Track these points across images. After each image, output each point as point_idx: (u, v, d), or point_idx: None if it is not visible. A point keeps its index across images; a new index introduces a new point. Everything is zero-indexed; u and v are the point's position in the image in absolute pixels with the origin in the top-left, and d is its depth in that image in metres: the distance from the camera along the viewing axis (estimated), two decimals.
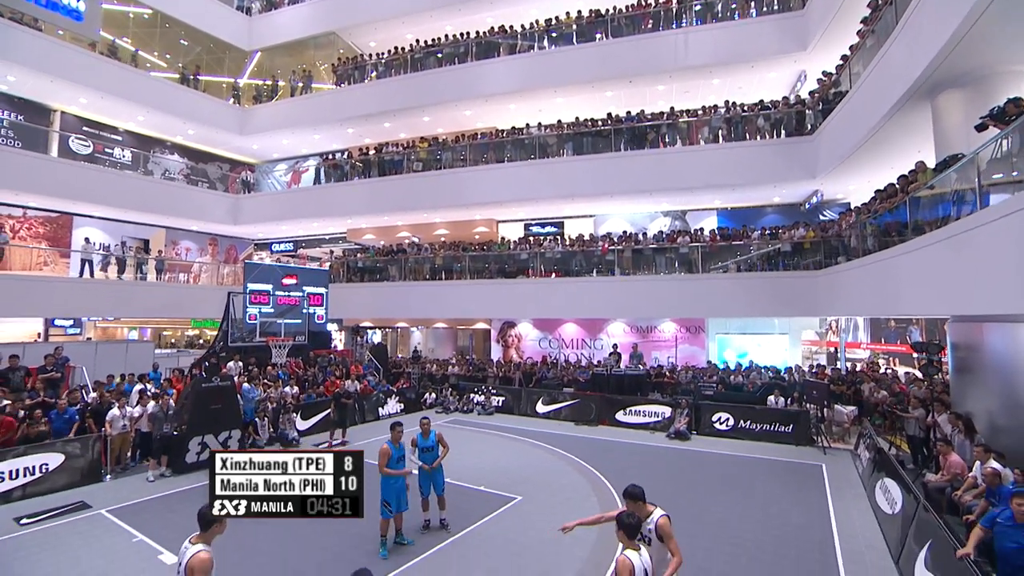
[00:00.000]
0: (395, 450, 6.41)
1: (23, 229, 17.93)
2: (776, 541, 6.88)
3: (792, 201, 17.27)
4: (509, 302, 17.55)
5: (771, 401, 12.75)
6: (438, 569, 6.05)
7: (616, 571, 3.57)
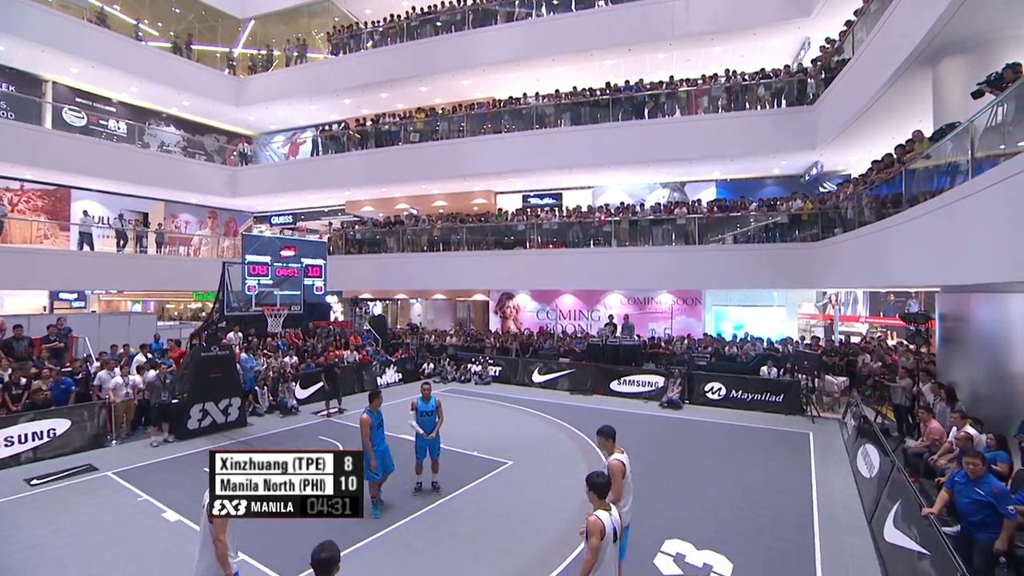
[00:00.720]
0: (374, 417, 6.55)
1: (21, 202, 17.98)
2: (757, 503, 7.12)
3: (792, 173, 17.12)
4: (506, 273, 17.65)
5: (764, 372, 12.94)
6: (429, 528, 6.30)
7: (588, 530, 3.72)
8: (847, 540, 6.06)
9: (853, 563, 5.56)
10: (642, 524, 6.41)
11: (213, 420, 10.16)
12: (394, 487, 7.50)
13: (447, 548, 5.80)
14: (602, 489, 3.83)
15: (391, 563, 5.47)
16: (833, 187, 15.87)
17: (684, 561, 5.60)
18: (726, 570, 5.42)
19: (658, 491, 7.50)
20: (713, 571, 5.42)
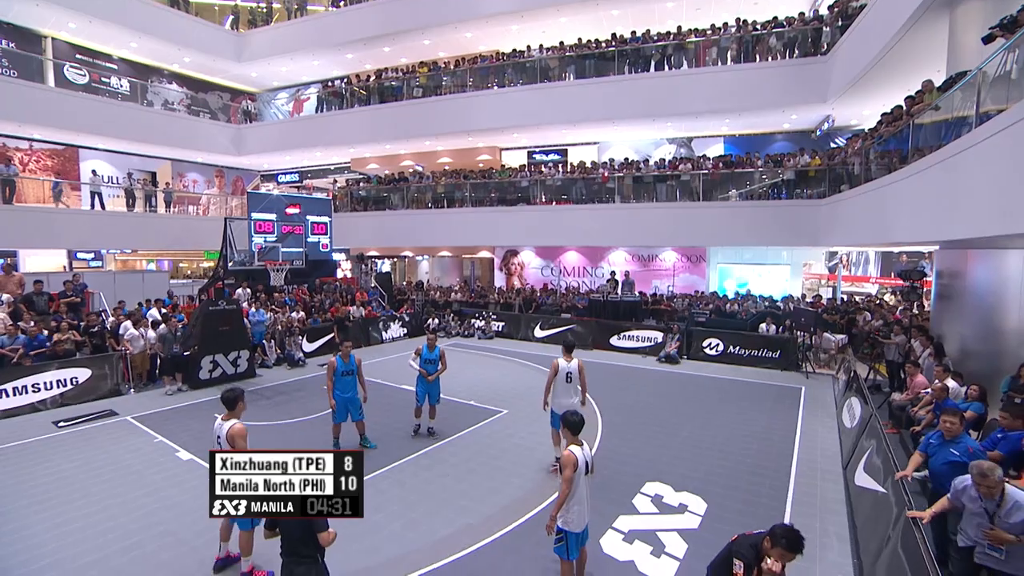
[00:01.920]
0: (341, 364, 6.93)
1: (32, 162, 18.23)
2: (740, 451, 7.40)
3: (803, 128, 16.68)
4: (510, 229, 17.72)
5: (763, 328, 13.06)
6: (422, 469, 6.71)
7: (562, 464, 4.02)
8: (820, 485, 6.34)
9: (822, 504, 5.85)
10: (626, 468, 6.78)
11: (223, 371, 10.65)
12: (392, 431, 7.95)
13: (438, 487, 6.20)
14: (576, 426, 4.11)
15: (383, 499, 5.87)
16: (844, 142, 15.47)
17: (661, 501, 5.93)
18: (700, 509, 5.74)
19: (645, 439, 7.82)
20: (688, 510, 5.74)
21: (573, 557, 4.07)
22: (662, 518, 5.58)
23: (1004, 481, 3.56)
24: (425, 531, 5.22)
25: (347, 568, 4.56)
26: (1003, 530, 3.48)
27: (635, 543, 5.09)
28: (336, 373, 6.90)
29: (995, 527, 3.51)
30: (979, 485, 3.56)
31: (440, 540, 5.08)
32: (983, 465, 3.60)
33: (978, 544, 3.62)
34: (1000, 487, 3.51)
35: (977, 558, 3.63)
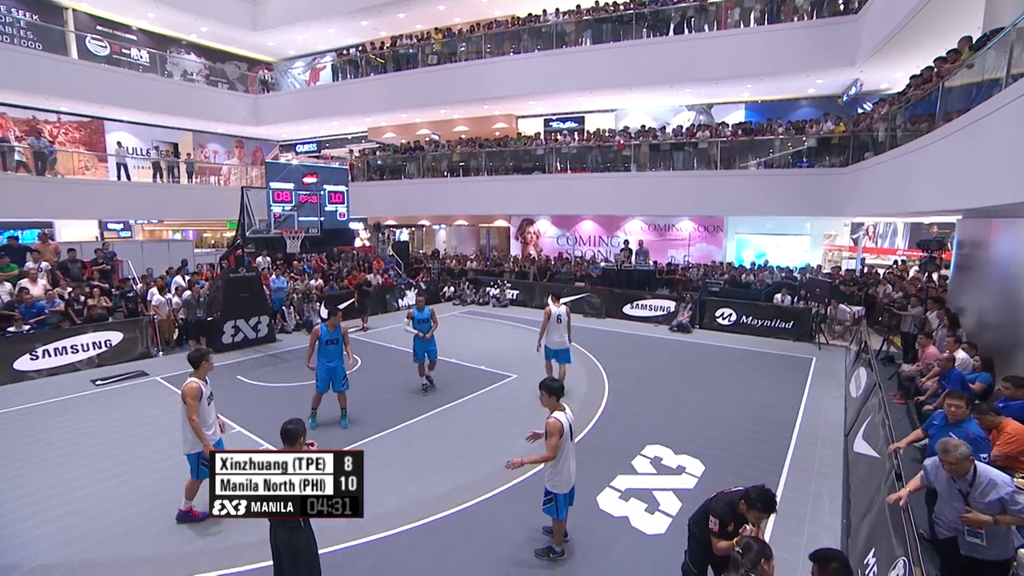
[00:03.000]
0: (326, 332, 6.86)
1: (60, 134, 18.75)
2: (743, 418, 7.51)
3: (829, 93, 16.04)
4: (525, 198, 17.69)
5: (777, 299, 12.96)
6: (429, 429, 7.00)
7: (547, 430, 4.14)
8: (819, 451, 6.43)
9: (819, 470, 5.95)
10: (629, 432, 6.96)
11: (245, 336, 11.10)
12: (403, 393, 8.26)
13: (444, 445, 6.47)
14: (557, 391, 4.24)
15: (391, 456, 6.18)
16: (872, 107, 14.86)
17: (660, 463, 6.12)
18: (697, 471, 5.90)
19: (650, 405, 7.98)
20: (686, 472, 5.91)
21: (562, 517, 4.29)
22: (659, 478, 5.77)
23: (971, 460, 3.31)
24: (428, 486, 5.51)
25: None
26: (979, 511, 3.25)
27: (631, 500, 5.29)
28: (320, 341, 6.83)
29: (971, 509, 3.28)
30: (943, 463, 3.37)
31: (442, 494, 5.36)
32: (948, 441, 3.41)
33: (959, 534, 3.38)
34: (966, 466, 3.29)
35: (963, 549, 3.38)
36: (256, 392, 8.45)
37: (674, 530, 4.79)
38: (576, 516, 4.95)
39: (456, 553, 4.45)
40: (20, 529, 4.76)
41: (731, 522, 3.14)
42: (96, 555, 4.40)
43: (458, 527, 4.82)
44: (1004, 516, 3.18)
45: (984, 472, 3.32)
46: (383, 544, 4.55)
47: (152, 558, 4.38)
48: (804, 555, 4.26)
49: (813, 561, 2.60)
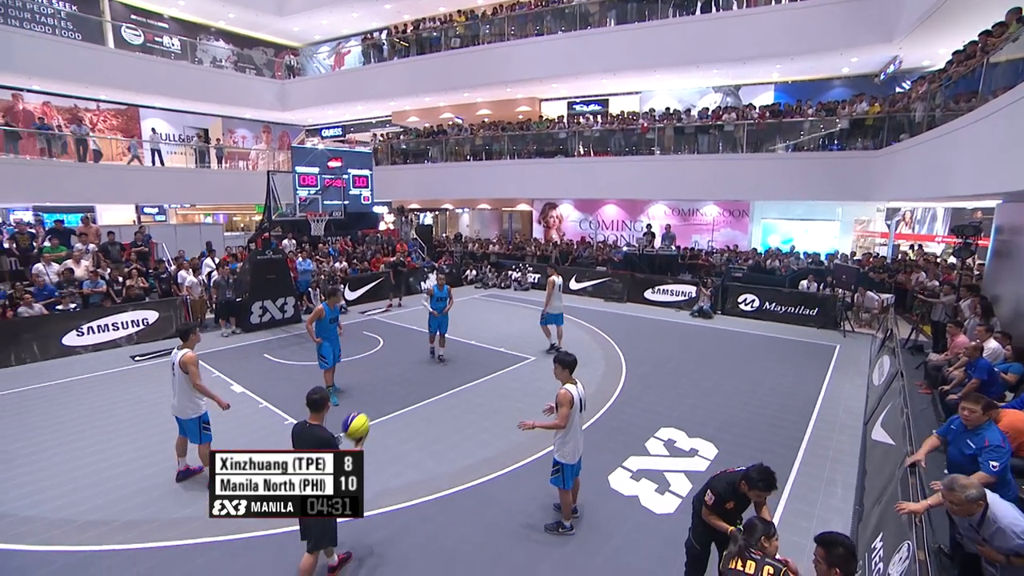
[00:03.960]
0: (329, 311, 7.24)
1: (100, 121, 19.44)
2: (760, 403, 7.48)
3: (864, 72, 15.37)
4: (547, 182, 17.63)
5: (803, 285, 12.71)
6: (449, 407, 7.19)
7: (558, 401, 4.28)
8: (836, 438, 6.38)
9: (835, 456, 5.92)
10: (644, 414, 7.02)
11: (272, 316, 11.49)
12: (424, 374, 8.47)
13: (463, 423, 6.65)
14: (570, 364, 4.35)
15: (412, 432, 6.39)
16: (910, 86, 14.22)
17: (673, 445, 6.17)
18: (710, 455, 5.94)
19: (667, 388, 8.01)
20: (699, 455, 5.96)
21: (568, 487, 4.43)
22: (671, 460, 5.84)
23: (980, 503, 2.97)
24: (446, 461, 5.70)
25: (373, 489, 5.09)
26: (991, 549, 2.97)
27: (641, 481, 5.39)
28: (324, 320, 7.17)
29: (985, 542, 3.01)
30: (947, 501, 3.06)
31: (459, 469, 5.55)
32: (956, 479, 3.06)
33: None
34: (972, 508, 2.96)
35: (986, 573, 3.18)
36: (283, 370, 8.78)
37: (683, 510, 4.86)
38: (587, 495, 5.08)
39: (470, 526, 4.62)
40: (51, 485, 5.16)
41: (731, 500, 3.20)
42: (133, 516, 4.72)
43: (473, 501, 5.00)
44: (1018, 559, 2.92)
45: (994, 517, 2.96)
46: (401, 514, 4.76)
47: (183, 520, 4.67)
48: (813, 538, 4.32)
49: (819, 544, 2.59)
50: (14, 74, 15.61)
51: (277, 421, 6.74)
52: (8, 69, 15.11)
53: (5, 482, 5.28)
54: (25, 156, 14.86)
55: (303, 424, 3.77)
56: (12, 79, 16.19)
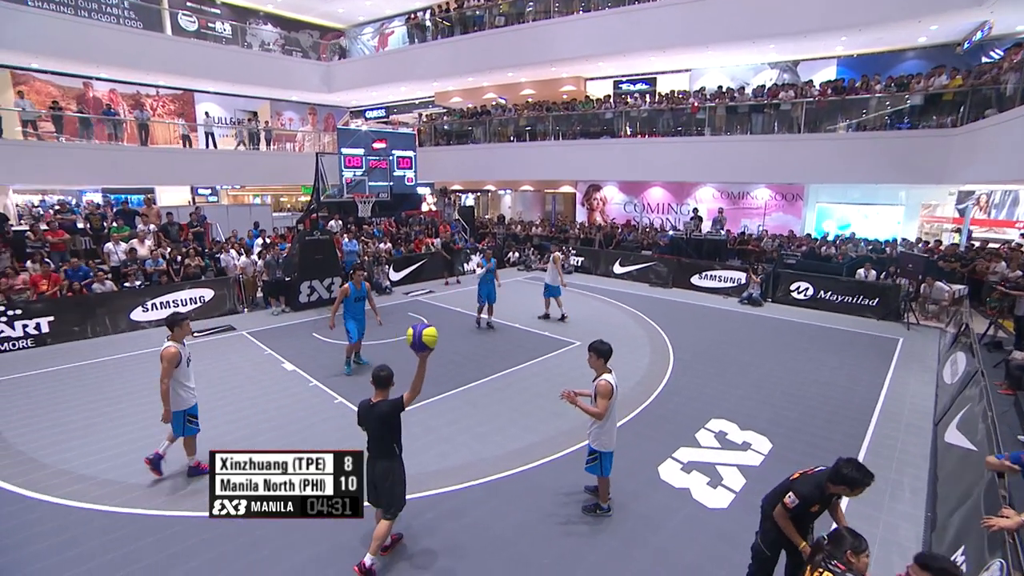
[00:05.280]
0: (354, 290, 7.45)
1: (159, 107, 20.26)
2: (816, 396, 7.14)
3: (945, 41, 14.08)
4: (593, 163, 17.24)
5: (861, 274, 11.99)
6: (493, 391, 7.20)
7: (598, 391, 4.20)
8: (902, 438, 6.01)
9: (901, 457, 5.58)
10: (692, 404, 6.83)
11: (319, 295, 11.77)
12: (469, 355, 8.49)
13: (508, 407, 6.63)
14: (606, 354, 4.26)
15: (457, 415, 6.42)
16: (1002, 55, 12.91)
17: (725, 437, 5.97)
18: (764, 449, 5.71)
19: (715, 377, 7.75)
20: (752, 448, 5.73)
21: (607, 474, 4.41)
22: (723, 453, 5.64)
23: None
24: (492, 445, 5.70)
25: (421, 470, 5.15)
26: None
27: (692, 473, 5.23)
28: (349, 298, 7.47)
29: None
30: None
31: (507, 453, 5.54)
32: None
33: None
34: None
35: None
36: (331, 349, 8.97)
37: (738, 505, 4.70)
38: (636, 484, 4.98)
39: (519, 511, 4.60)
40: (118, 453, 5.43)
41: (817, 503, 2.99)
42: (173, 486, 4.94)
43: (521, 487, 4.98)
44: None
45: None
46: (449, 497, 4.79)
47: None
48: (880, 546, 4.09)
49: (922, 567, 2.31)
50: (86, 63, 16.54)
51: (327, 400, 6.90)
52: (81, 59, 16.01)
53: (84, 447, 5.60)
54: (95, 141, 15.69)
55: (368, 401, 3.80)
56: (84, 68, 17.15)
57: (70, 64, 16.62)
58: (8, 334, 8.76)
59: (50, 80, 17.66)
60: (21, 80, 17.11)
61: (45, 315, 9.13)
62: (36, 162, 14.36)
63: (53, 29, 15.03)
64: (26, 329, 8.94)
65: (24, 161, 14.12)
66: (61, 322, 9.27)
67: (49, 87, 17.65)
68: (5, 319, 8.71)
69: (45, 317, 9.13)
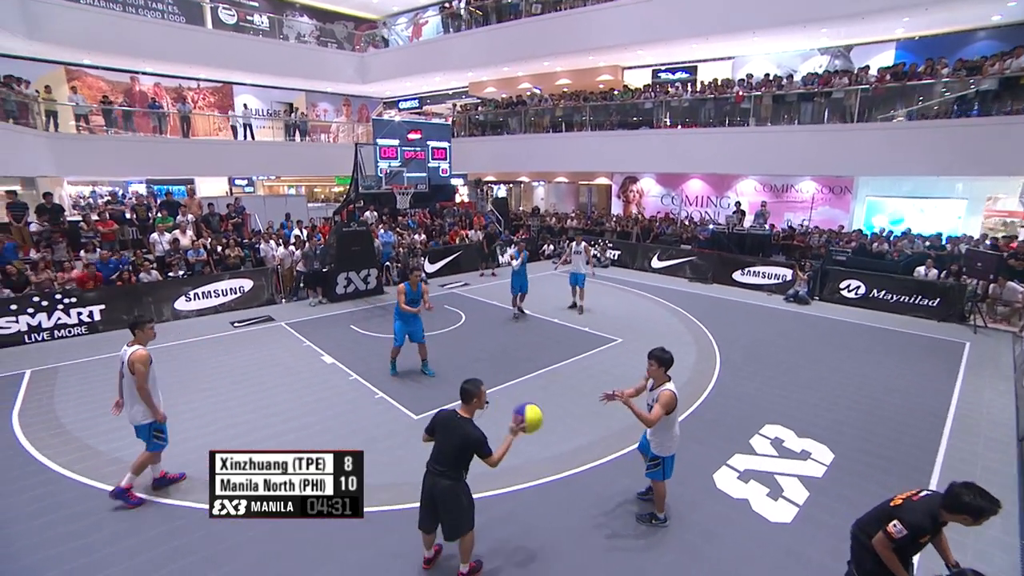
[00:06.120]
0: (410, 292, 7.01)
1: (200, 99, 20.67)
2: (877, 403, 6.72)
3: (1023, 19, 12.97)
4: (631, 155, 16.79)
5: (920, 272, 11.33)
6: (536, 389, 7.00)
7: (660, 401, 3.93)
8: (982, 454, 5.56)
9: (984, 476, 5.12)
10: (743, 408, 6.52)
11: (356, 287, 11.80)
12: (510, 352, 8.33)
13: (553, 406, 6.34)
14: (667, 363, 4.05)
15: (500, 413, 6.22)
16: None
17: (782, 445, 5.66)
18: (825, 459, 5.38)
19: (765, 380, 7.40)
20: (812, 458, 5.41)
21: (668, 477, 4.25)
22: (781, 462, 5.34)
23: None
24: (540, 446, 5.51)
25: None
26: None
27: (750, 483, 4.96)
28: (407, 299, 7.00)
29: None
30: None
31: (556, 456, 5.37)
32: None
33: None
34: None
35: None
36: (369, 342, 8.94)
37: (804, 521, 4.41)
38: (691, 493, 4.75)
39: (572, 517, 4.44)
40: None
41: (928, 534, 2.71)
42: None
43: (573, 491, 4.82)
44: None
45: None
46: (500, 501, 4.64)
47: None
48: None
49: None
50: (133, 58, 17.03)
51: (367, 394, 6.84)
52: (128, 53, 16.48)
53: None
54: (140, 133, 16.12)
55: (452, 413, 3.55)
56: (131, 62, 17.64)
57: (118, 59, 17.11)
58: (64, 321, 9.08)
59: (100, 75, 18.21)
60: (74, 76, 17.68)
61: (97, 303, 9.41)
62: (88, 154, 14.88)
63: (103, 25, 15.50)
64: (80, 316, 9.23)
65: (77, 154, 14.65)
66: (111, 310, 9.53)
67: (100, 82, 18.19)
68: (61, 307, 9.01)
69: (97, 305, 9.40)
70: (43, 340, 8.86)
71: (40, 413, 6.31)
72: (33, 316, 8.79)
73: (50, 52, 15.91)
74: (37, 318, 8.82)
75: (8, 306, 8.62)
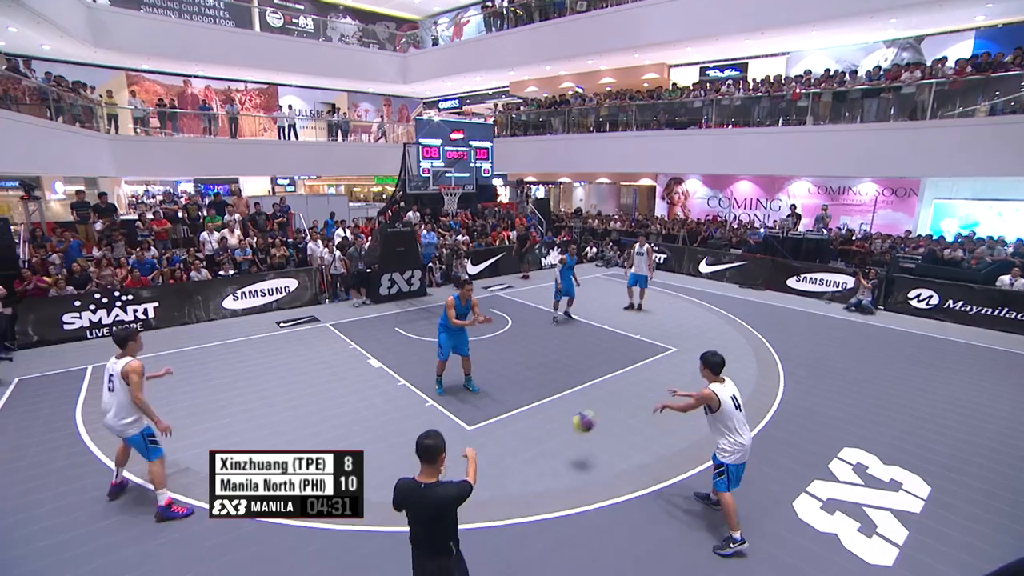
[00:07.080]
0: (459, 306, 6.52)
1: (247, 101, 21.17)
2: (968, 428, 6.12)
3: None
4: (678, 155, 16.24)
5: (1004, 281, 10.43)
6: (590, 401, 6.64)
7: (697, 396, 4.05)
8: None
9: None
10: (816, 428, 6.05)
11: (399, 288, 11.72)
12: (559, 360, 8.03)
13: (608, 419, 5.96)
14: (716, 367, 4.05)
15: (553, 426, 5.94)
16: None
17: (866, 472, 5.17)
18: (921, 492, 4.87)
19: (834, 397, 6.88)
20: (903, 489, 4.91)
21: (734, 487, 4.09)
22: (869, 492, 4.86)
23: None
24: (599, 463, 5.21)
25: (527, 489, 4.76)
26: None
27: (836, 514, 4.52)
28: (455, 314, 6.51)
29: None
30: None
31: (617, 474, 5.05)
32: None
33: None
34: None
35: None
36: (415, 346, 8.76)
37: (907, 565, 3.96)
38: (773, 525, 4.36)
39: (640, 545, 4.10)
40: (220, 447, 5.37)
41: None
42: None
43: (639, 516, 4.47)
44: None
45: None
46: (556, 524, 4.35)
47: None
48: None
49: None
50: (186, 62, 17.65)
51: (417, 402, 6.64)
52: (183, 58, 17.09)
53: (190, 437, 5.57)
54: (191, 135, 16.58)
55: (414, 485, 2.80)
56: (184, 66, 18.24)
57: (174, 64, 17.73)
58: (122, 317, 9.29)
59: (156, 80, 18.86)
60: (133, 81, 18.38)
61: (151, 301, 9.60)
62: (144, 155, 15.42)
63: (161, 31, 16.14)
64: (136, 313, 9.44)
65: (135, 154, 15.20)
66: (164, 307, 9.71)
67: (156, 86, 18.85)
68: (120, 303, 9.23)
69: (151, 303, 9.59)
70: (103, 336, 9.07)
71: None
72: (94, 312, 9.04)
73: (113, 59, 16.58)
74: (98, 314, 9.07)
75: (72, 302, 8.88)
